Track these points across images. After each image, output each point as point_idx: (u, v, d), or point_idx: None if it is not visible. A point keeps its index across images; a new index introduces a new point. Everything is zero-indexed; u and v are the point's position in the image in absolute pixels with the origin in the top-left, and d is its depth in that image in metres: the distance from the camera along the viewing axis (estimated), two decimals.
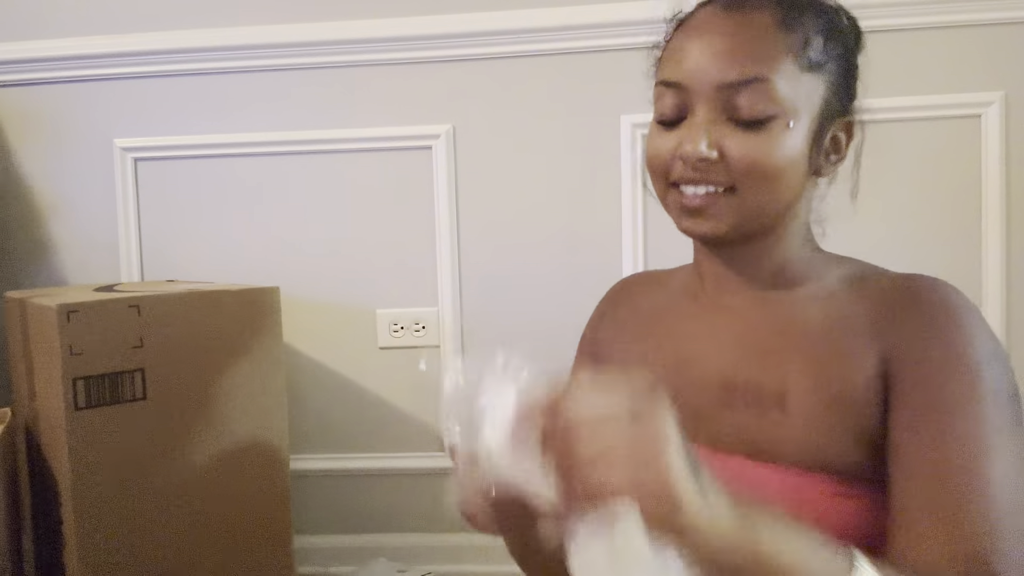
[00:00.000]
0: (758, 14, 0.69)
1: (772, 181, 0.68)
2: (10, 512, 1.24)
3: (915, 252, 1.58)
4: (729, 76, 0.67)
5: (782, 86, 0.67)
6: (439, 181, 1.67)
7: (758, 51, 0.67)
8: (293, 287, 1.67)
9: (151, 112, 1.72)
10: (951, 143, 1.58)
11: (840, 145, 0.74)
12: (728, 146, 0.68)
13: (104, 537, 1.20)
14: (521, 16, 1.61)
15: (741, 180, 0.68)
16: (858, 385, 0.67)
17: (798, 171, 0.70)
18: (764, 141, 0.67)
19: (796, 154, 0.69)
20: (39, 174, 1.75)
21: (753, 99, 0.67)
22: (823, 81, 0.70)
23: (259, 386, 1.36)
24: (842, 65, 0.72)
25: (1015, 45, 1.55)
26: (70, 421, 1.16)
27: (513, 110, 1.66)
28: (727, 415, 0.71)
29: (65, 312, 1.15)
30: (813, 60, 0.69)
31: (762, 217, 0.71)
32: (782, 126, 0.68)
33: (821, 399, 0.67)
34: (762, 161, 0.67)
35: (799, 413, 0.68)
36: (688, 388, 0.74)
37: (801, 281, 0.75)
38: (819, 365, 0.69)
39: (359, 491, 1.74)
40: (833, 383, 0.68)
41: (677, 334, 0.79)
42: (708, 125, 0.69)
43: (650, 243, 1.63)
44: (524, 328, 1.68)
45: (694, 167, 0.69)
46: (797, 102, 0.68)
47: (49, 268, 1.76)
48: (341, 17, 1.65)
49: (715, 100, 0.68)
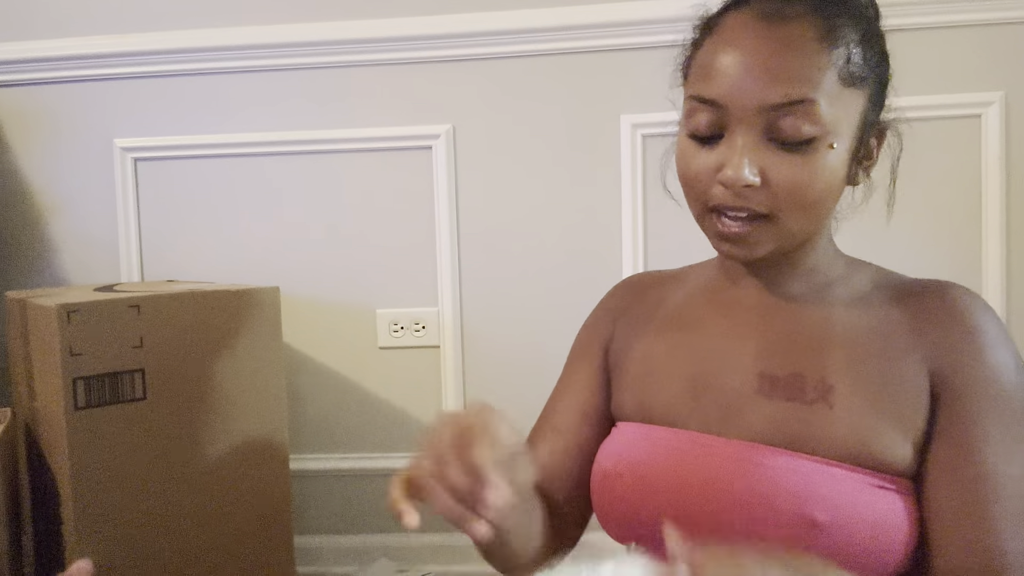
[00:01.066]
0: (798, 26, 0.65)
1: (814, 205, 0.67)
2: (10, 512, 1.24)
3: (915, 252, 1.58)
4: (772, 98, 0.64)
5: (825, 106, 0.64)
6: (439, 181, 1.67)
7: (802, 70, 0.64)
8: (293, 287, 1.67)
9: (151, 112, 1.72)
10: (951, 143, 1.58)
11: (871, 151, 0.73)
12: (771, 171, 0.65)
13: (104, 537, 1.20)
14: (521, 16, 1.61)
15: (783, 206, 0.66)
16: (904, 386, 0.68)
17: (837, 190, 0.69)
18: (808, 164, 0.65)
19: (838, 174, 0.68)
20: (39, 174, 1.75)
21: (797, 122, 0.64)
22: (863, 95, 0.68)
23: (259, 386, 1.35)
24: (880, 74, 0.70)
25: (1015, 45, 1.55)
26: (70, 421, 1.16)
27: (513, 110, 1.66)
28: (766, 407, 0.71)
29: (65, 312, 1.15)
30: (855, 75, 0.66)
31: (799, 238, 0.71)
32: (825, 147, 0.65)
33: (867, 396, 0.68)
34: (805, 186, 0.66)
35: (844, 408, 0.68)
36: (721, 379, 0.74)
37: (833, 282, 0.75)
38: (864, 363, 0.69)
39: (359, 491, 1.74)
40: (877, 381, 0.68)
41: (706, 328, 0.78)
42: (751, 149, 0.65)
43: (650, 242, 1.63)
44: (524, 328, 1.68)
45: (737, 193, 0.66)
46: (840, 121, 0.66)
47: (49, 268, 1.76)
48: (341, 17, 1.65)
49: (756, 122, 0.65)
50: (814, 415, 0.68)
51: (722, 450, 0.71)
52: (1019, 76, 1.56)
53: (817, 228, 0.72)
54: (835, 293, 0.74)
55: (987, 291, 1.58)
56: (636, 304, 0.85)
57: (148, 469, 1.23)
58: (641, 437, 0.76)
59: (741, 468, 0.69)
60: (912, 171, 1.73)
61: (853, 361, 0.69)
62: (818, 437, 0.68)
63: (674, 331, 0.79)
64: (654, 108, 1.58)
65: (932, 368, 0.68)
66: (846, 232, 0.81)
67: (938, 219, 1.59)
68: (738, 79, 0.65)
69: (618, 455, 0.76)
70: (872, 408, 0.68)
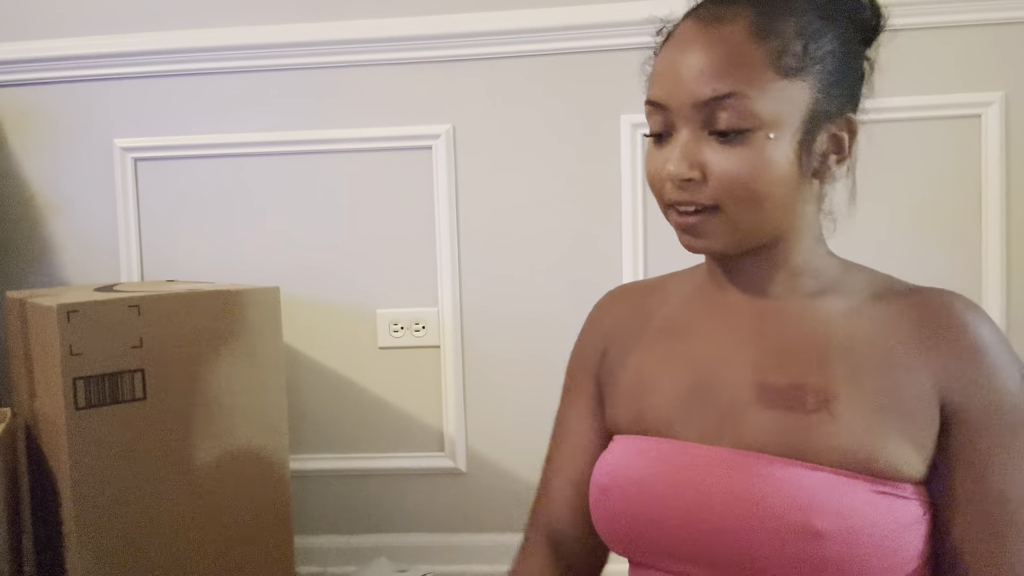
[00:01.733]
0: (730, 25, 0.68)
1: (757, 198, 0.68)
2: (10, 512, 1.24)
3: (915, 252, 1.58)
4: (703, 94, 0.67)
5: (758, 98, 0.66)
6: (439, 181, 1.67)
7: (729, 66, 0.67)
8: (293, 287, 1.67)
9: (151, 112, 1.72)
10: (951, 143, 1.58)
11: (842, 144, 0.72)
12: (710, 164, 0.68)
13: (104, 537, 1.20)
14: (521, 16, 1.61)
15: (724, 198, 0.68)
16: (910, 399, 0.67)
17: (786, 182, 0.69)
18: (745, 155, 0.67)
19: (782, 167, 0.68)
20: (39, 174, 1.75)
21: (729, 115, 0.66)
22: (808, 85, 0.68)
23: (259, 386, 1.36)
24: (835, 62, 0.70)
25: (1015, 45, 1.55)
26: (70, 421, 1.16)
27: (513, 110, 1.66)
28: (764, 416, 0.70)
29: (65, 312, 1.15)
30: (793, 67, 0.67)
31: (757, 232, 0.71)
32: (763, 138, 0.67)
33: (870, 405, 0.67)
34: (745, 177, 0.67)
35: (848, 417, 0.67)
36: (717, 388, 0.73)
37: (827, 287, 0.74)
38: (867, 373, 0.68)
39: (359, 491, 1.74)
40: (881, 392, 0.68)
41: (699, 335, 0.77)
42: (689, 145, 0.69)
43: (650, 242, 1.63)
44: (524, 328, 1.68)
45: (680, 187, 0.69)
46: (778, 112, 0.67)
47: (49, 268, 1.76)
48: (341, 17, 1.65)
49: (694, 118, 0.68)
50: (816, 424, 0.68)
51: (720, 459, 0.70)
52: (1019, 76, 1.56)
53: (775, 221, 0.71)
54: (831, 299, 0.73)
55: (987, 292, 1.58)
56: (626, 318, 0.84)
57: (148, 469, 1.23)
58: (636, 450, 0.75)
59: (740, 477, 0.68)
60: (912, 171, 1.74)
61: (855, 371, 0.69)
62: (820, 446, 0.67)
63: (666, 340, 0.79)
64: None
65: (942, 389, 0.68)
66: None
67: (938, 219, 1.59)
68: (675, 79, 0.69)
69: (614, 469, 0.75)
70: (877, 417, 0.67)
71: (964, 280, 1.59)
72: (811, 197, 0.73)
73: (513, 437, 1.68)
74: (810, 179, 0.71)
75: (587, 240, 1.66)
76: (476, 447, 1.72)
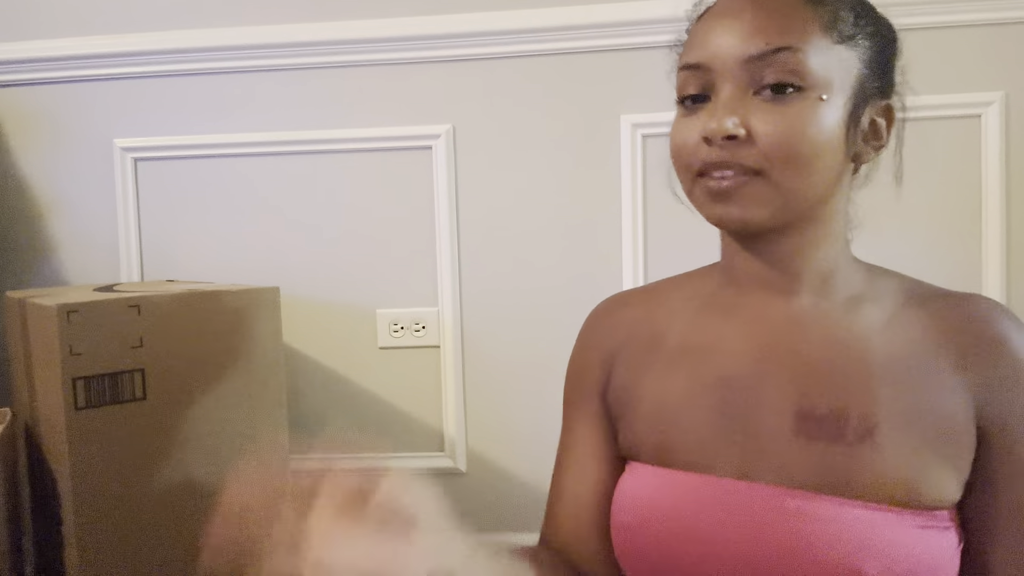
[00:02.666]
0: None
1: (806, 161, 0.64)
2: (10, 512, 1.24)
3: (915, 252, 1.58)
4: (753, 49, 0.64)
5: (812, 56, 0.63)
6: (439, 181, 1.67)
7: (783, 21, 0.64)
8: (293, 287, 1.67)
9: (151, 112, 1.72)
10: (951, 143, 1.58)
11: (880, 131, 0.71)
12: (756, 123, 0.63)
13: (104, 537, 1.20)
14: (521, 16, 1.61)
15: (772, 160, 0.63)
16: (953, 419, 0.65)
17: (835, 153, 0.65)
18: (796, 116, 0.63)
19: (831, 132, 0.64)
20: (39, 174, 1.75)
21: (781, 70, 0.63)
22: (857, 56, 0.66)
23: (259, 386, 1.35)
24: (877, 43, 0.69)
25: (1015, 45, 1.55)
26: (70, 421, 1.16)
27: (513, 110, 1.66)
28: (803, 447, 0.66)
29: (65, 312, 1.15)
30: (844, 33, 0.66)
31: (799, 203, 0.66)
32: (814, 99, 0.63)
33: (915, 432, 0.64)
34: (795, 137, 0.63)
35: (891, 447, 0.64)
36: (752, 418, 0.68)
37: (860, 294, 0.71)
38: (912, 395, 0.65)
39: None
40: (927, 415, 0.64)
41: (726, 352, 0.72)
42: (734, 101, 0.64)
43: (650, 242, 1.63)
44: (524, 328, 1.68)
45: (721, 146, 0.64)
46: (830, 74, 0.64)
47: (49, 268, 1.76)
48: (341, 17, 1.65)
49: (741, 76, 0.64)
50: (858, 456, 0.64)
51: (758, 496, 0.65)
52: (1019, 76, 1.56)
53: (818, 195, 0.67)
54: (866, 308, 0.69)
55: (987, 292, 1.58)
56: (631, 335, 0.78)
57: (148, 469, 1.23)
58: (664, 484, 0.70)
59: (780, 516, 0.64)
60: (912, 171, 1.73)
61: (898, 393, 0.65)
62: (863, 481, 0.63)
63: (689, 362, 0.73)
64: (654, 108, 1.58)
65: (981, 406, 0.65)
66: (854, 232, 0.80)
67: (938, 219, 1.59)
68: (720, 39, 0.66)
69: (640, 505, 0.71)
70: (921, 445, 0.64)
71: (964, 280, 1.58)
72: (846, 185, 0.71)
73: (513, 437, 1.68)
74: (849, 162, 0.69)
75: (587, 240, 1.66)
76: (476, 447, 1.72)
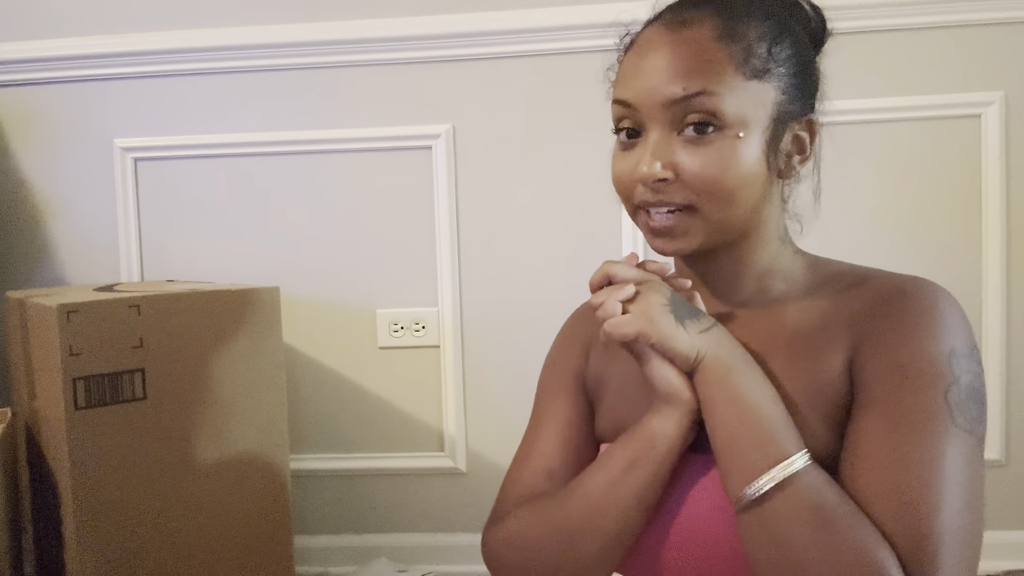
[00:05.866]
0: (697, 28, 0.70)
1: (729, 194, 0.69)
2: (10, 512, 1.24)
3: (915, 252, 1.58)
4: (673, 93, 0.69)
5: (727, 97, 0.68)
6: (439, 181, 1.67)
7: (699, 65, 0.68)
8: (293, 287, 1.67)
9: (151, 112, 1.72)
10: (951, 143, 1.58)
11: (804, 144, 0.74)
12: (683, 161, 0.69)
13: (104, 537, 1.20)
14: (521, 16, 1.61)
15: (700, 195, 0.69)
16: (831, 376, 0.69)
17: (756, 179, 0.70)
18: (717, 154, 0.68)
19: (752, 165, 0.69)
20: (39, 174, 1.75)
21: (700, 114, 0.68)
22: (773, 86, 0.70)
23: (259, 386, 1.35)
24: (793, 66, 0.72)
25: (1015, 45, 1.55)
26: (70, 421, 1.16)
27: (513, 110, 1.66)
28: None
29: (65, 312, 1.15)
30: (757, 68, 0.69)
31: (730, 229, 0.72)
32: (732, 137, 0.68)
33: (795, 391, 0.69)
34: (719, 175, 0.68)
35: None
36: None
37: (796, 287, 0.76)
38: (795, 361, 0.71)
39: (359, 491, 1.74)
40: (806, 375, 0.69)
41: None
42: (660, 145, 0.70)
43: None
44: (524, 328, 1.68)
45: (653, 189, 0.71)
46: (745, 111, 0.69)
47: (49, 268, 1.76)
48: (341, 17, 1.65)
49: (664, 117, 0.70)
50: None
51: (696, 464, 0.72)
52: (1019, 76, 1.56)
53: (746, 218, 0.72)
54: (791, 295, 0.75)
55: (987, 292, 1.58)
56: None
57: (148, 469, 1.23)
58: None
59: (712, 481, 0.70)
60: (913, 171, 1.74)
61: (791, 360, 0.71)
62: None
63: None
64: None
65: (856, 347, 0.68)
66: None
67: (938, 219, 1.59)
68: (644, 81, 0.71)
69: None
70: (801, 404, 0.69)
71: (964, 280, 1.59)
72: (776, 197, 0.75)
73: (513, 437, 1.66)
74: (775, 179, 0.73)
75: (588, 239, 1.66)
76: (476, 447, 1.72)
